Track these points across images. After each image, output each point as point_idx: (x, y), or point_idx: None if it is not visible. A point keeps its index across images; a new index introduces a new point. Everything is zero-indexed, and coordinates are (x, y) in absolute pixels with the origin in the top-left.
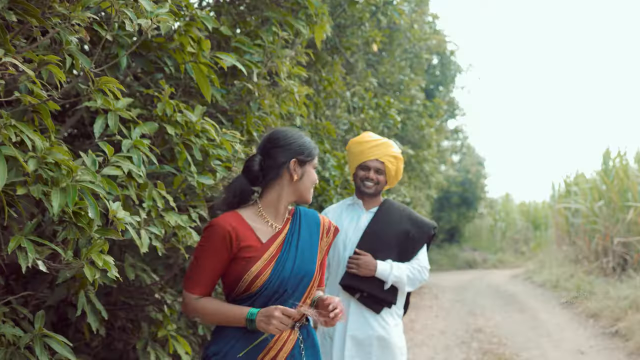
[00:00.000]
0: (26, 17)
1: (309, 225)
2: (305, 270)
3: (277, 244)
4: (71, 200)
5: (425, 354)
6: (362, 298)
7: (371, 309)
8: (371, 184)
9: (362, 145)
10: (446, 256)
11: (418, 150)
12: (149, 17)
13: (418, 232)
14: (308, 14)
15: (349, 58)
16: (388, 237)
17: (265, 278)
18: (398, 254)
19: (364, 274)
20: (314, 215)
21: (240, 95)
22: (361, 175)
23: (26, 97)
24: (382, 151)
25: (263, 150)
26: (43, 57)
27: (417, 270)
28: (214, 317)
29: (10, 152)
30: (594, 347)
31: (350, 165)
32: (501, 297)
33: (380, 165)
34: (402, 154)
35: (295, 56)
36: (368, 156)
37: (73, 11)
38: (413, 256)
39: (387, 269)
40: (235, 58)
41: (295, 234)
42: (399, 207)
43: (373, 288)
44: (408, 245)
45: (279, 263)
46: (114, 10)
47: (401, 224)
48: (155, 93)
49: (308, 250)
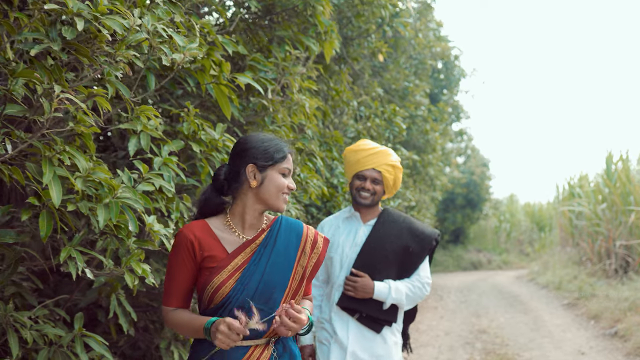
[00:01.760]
0: (78, 56)
1: (287, 237)
2: (275, 283)
3: (244, 255)
4: (114, 215)
5: (429, 354)
6: (361, 319)
7: (371, 328)
8: (367, 195)
9: (358, 154)
10: (451, 257)
11: (423, 155)
12: (182, 51)
13: (419, 247)
14: (318, 31)
15: (355, 67)
16: (387, 253)
17: (229, 290)
18: (397, 270)
19: (361, 297)
20: (296, 227)
21: (255, 111)
22: (357, 185)
23: (79, 127)
24: (380, 160)
25: (229, 158)
26: (92, 90)
27: (417, 288)
28: (184, 329)
29: (63, 172)
30: (594, 347)
31: (347, 175)
32: (505, 298)
33: (377, 174)
34: (407, 159)
35: (306, 71)
36: (364, 165)
37: (117, 50)
38: (414, 272)
39: (385, 291)
40: (251, 76)
41: (269, 246)
42: (399, 217)
43: (371, 309)
44: (408, 261)
45: (244, 275)
46: (151, 45)
47: (401, 239)
48: (181, 113)
49: (282, 263)
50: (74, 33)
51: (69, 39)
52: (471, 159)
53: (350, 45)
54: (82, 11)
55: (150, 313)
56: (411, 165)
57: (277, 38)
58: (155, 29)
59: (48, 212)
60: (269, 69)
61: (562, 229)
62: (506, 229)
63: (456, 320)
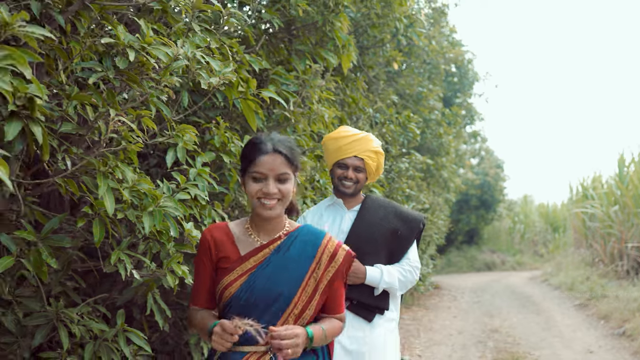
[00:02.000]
0: (129, 83)
1: (302, 246)
2: (279, 292)
3: (256, 259)
4: (158, 222)
5: (443, 352)
6: (352, 306)
7: (363, 317)
8: (350, 184)
9: (339, 141)
10: (465, 258)
11: (437, 158)
12: (217, 75)
13: (407, 229)
14: (336, 44)
15: (370, 74)
16: (375, 237)
17: (234, 290)
18: (387, 255)
19: (353, 282)
20: (315, 236)
21: (278, 121)
22: (339, 174)
23: (130, 146)
24: (361, 147)
25: None
26: (139, 112)
27: (408, 272)
28: (199, 330)
29: (114, 185)
30: (603, 347)
31: (327, 163)
32: (518, 298)
33: (360, 162)
34: (421, 163)
35: (325, 84)
36: (346, 153)
37: (162, 76)
38: (403, 256)
39: (378, 275)
40: (273, 89)
41: (281, 252)
42: (383, 202)
43: (363, 295)
44: (397, 244)
45: (251, 278)
46: (190, 69)
47: (388, 222)
48: (212, 127)
49: (291, 271)
50: (126, 63)
51: (121, 68)
52: (485, 160)
53: (366, 54)
54: (133, 43)
55: (180, 310)
56: (425, 168)
57: (297, 51)
58: (194, 56)
59: (100, 220)
60: (290, 82)
61: (576, 231)
62: (520, 230)
63: (469, 319)
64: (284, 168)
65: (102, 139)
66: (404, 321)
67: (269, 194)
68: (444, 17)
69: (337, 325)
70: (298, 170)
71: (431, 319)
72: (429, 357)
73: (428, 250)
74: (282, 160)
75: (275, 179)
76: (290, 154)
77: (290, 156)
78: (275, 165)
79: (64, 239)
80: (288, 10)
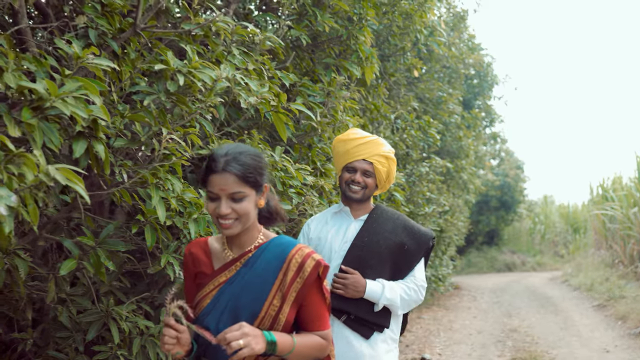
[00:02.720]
0: (177, 104)
1: (268, 260)
2: (243, 308)
3: (228, 273)
4: (202, 228)
5: (463, 351)
6: (349, 321)
7: (359, 333)
8: (357, 188)
9: (347, 144)
10: (485, 259)
11: (457, 160)
12: (255, 94)
13: (414, 245)
14: (359, 57)
15: (390, 79)
16: (379, 250)
17: (203, 307)
18: (391, 270)
19: (352, 296)
20: (283, 249)
21: (305, 131)
22: (346, 178)
23: (179, 161)
24: (371, 150)
25: None
26: (187, 129)
27: (412, 290)
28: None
29: (164, 194)
30: (619, 346)
31: (336, 168)
32: (537, 299)
33: (369, 166)
34: (442, 167)
35: (350, 94)
36: (354, 156)
37: (208, 97)
38: (408, 272)
39: (378, 290)
40: (301, 101)
41: (248, 267)
42: (393, 214)
43: (361, 311)
44: (403, 259)
45: (217, 294)
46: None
47: (395, 235)
48: (246, 139)
49: (255, 288)
50: (176, 86)
51: (171, 91)
52: (505, 161)
53: (387, 61)
54: (182, 68)
55: None
56: (445, 172)
57: (322, 63)
58: (234, 77)
59: (151, 227)
60: (316, 93)
61: (596, 232)
62: (540, 231)
63: (488, 319)
64: (237, 187)
65: (156, 155)
66: (424, 320)
67: (222, 215)
68: (463, 23)
69: (315, 341)
70: (260, 185)
71: (451, 319)
72: (449, 356)
73: (448, 251)
74: (234, 179)
75: (228, 198)
76: (243, 172)
77: (243, 174)
78: (226, 185)
79: (119, 244)
80: (315, 27)
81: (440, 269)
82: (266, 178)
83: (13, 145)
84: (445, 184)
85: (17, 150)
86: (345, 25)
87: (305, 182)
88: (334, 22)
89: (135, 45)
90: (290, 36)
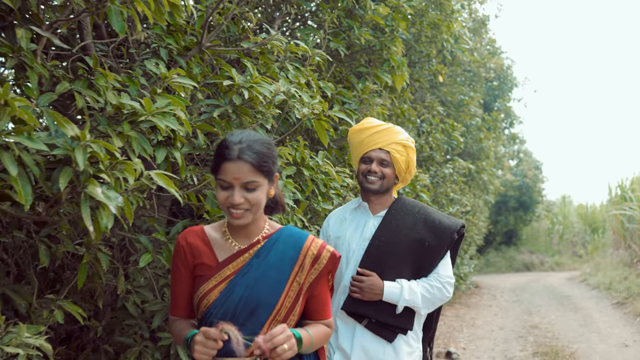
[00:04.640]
0: (241, 115)
1: (283, 251)
2: (259, 300)
3: (235, 265)
4: None
5: (486, 346)
6: (371, 325)
7: (382, 337)
8: (374, 179)
9: (362, 134)
10: (504, 259)
11: (477, 162)
12: (307, 106)
13: (436, 240)
14: (391, 65)
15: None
16: (398, 249)
17: (212, 300)
18: (413, 268)
19: (370, 299)
20: (296, 238)
21: (342, 136)
22: (363, 170)
23: None
24: (387, 138)
25: None
26: None
27: (436, 288)
28: (177, 341)
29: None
30: (638, 341)
31: (352, 161)
32: (556, 297)
33: (386, 155)
34: (464, 169)
35: (382, 101)
36: (369, 146)
37: (267, 109)
38: (432, 269)
39: (397, 292)
40: (339, 109)
41: (261, 257)
42: (413, 207)
43: (382, 314)
44: (424, 257)
45: (230, 286)
46: (287, 103)
47: (414, 231)
48: (293, 145)
49: (271, 279)
50: (240, 100)
51: (237, 104)
52: (524, 162)
53: (413, 67)
54: (245, 84)
55: None
56: (466, 173)
57: (356, 72)
58: (288, 90)
59: None
60: (352, 101)
61: (615, 232)
62: (559, 231)
63: (509, 317)
64: (251, 176)
65: None
66: (447, 317)
67: (234, 205)
68: (484, 28)
69: (324, 331)
70: (272, 174)
71: (473, 316)
72: (474, 350)
73: (469, 250)
74: (249, 168)
75: (241, 187)
76: (257, 160)
77: (258, 163)
78: (240, 173)
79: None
80: (352, 39)
81: (462, 267)
82: (277, 167)
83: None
84: (467, 185)
85: (121, 158)
86: (378, 36)
87: (344, 183)
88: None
89: (198, 61)
90: (329, 48)
